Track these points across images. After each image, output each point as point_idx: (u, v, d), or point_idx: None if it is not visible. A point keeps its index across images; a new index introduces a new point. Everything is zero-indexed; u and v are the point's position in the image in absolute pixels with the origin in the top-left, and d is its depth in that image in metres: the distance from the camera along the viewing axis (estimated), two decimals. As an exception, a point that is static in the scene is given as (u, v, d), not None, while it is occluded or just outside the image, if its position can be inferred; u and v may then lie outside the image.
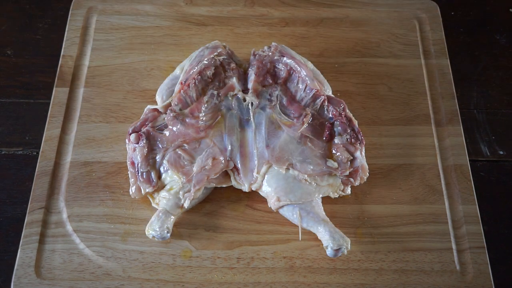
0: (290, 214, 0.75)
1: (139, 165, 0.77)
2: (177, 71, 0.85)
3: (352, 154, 0.77)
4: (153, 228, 0.73)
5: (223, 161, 0.76)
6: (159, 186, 0.76)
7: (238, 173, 0.77)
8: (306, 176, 0.75)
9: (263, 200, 0.77)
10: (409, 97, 0.89)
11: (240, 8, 0.98)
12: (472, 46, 1.00)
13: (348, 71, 0.91)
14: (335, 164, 0.77)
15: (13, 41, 0.98)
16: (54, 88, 0.88)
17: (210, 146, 0.77)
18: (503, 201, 0.84)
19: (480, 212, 0.78)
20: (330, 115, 0.80)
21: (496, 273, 0.74)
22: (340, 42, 0.94)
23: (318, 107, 0.81)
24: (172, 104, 0.80)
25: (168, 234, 0.73)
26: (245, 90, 0.82)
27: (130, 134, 0.78)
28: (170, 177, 0.76)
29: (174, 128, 0.78)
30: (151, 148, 0.78)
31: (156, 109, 0.80)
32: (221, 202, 0.79)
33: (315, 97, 0.80)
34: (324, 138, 0.79)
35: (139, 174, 0.76)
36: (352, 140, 0.78)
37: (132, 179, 0.77)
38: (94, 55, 0.92)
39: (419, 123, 0.86)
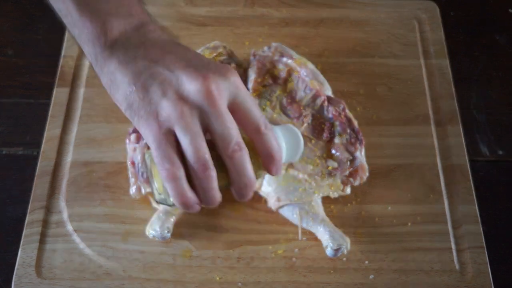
0: (290, 214, 0.75)
1: (139, 165, 0.77)
2: (177, 71, 0.85)
3: (352, 154, 0.78)
4: (154, 228, 0.73)
5: (223, 161, 0.76)
6: (160, 186, 0.76)
7: (238, 173, 0.77)
8: (306, 176, 0.75)
9: (263, 200, 0.77)
10: (409, 97, 0.89)
11: (240, 8, 0.98)
12: (472, 46, 1.00)
13: (348, 71, 0.91)
14: (335, 164, 0.77)
15: (13, 41, 0.98)
16: (55, 88, 0.88)
17: (210, 146, 0.77)
18: (503, 201, 0.84)
19: (479, 212, 0.78)
20: (330, 115, 0.80)
21: (496, 273, 0.74)
22: (340, 42, 0.94)
23: (318, 107, 0.81)
24: (172, 104, 0.80)
25: (169, 234, 0.73)
26: (245, 90, 0.82)
27: (130, 134, 0.78)
28: (171, 177, 0.76)
29: (175, 128, 0.78)
30: (152, 148, 0.78)
31: (156, 109, 0.80)
32: (221, 202, 0.79)
33: (315, 97, 0.80)
34: (324, 138, 0.79)
35: (140, 174, 0.76)
36: (352, 140, 0.78)
37: (133, 179, 0.77)
38: (95, 55, 0.91)
39: (419, 123, 0.86)
